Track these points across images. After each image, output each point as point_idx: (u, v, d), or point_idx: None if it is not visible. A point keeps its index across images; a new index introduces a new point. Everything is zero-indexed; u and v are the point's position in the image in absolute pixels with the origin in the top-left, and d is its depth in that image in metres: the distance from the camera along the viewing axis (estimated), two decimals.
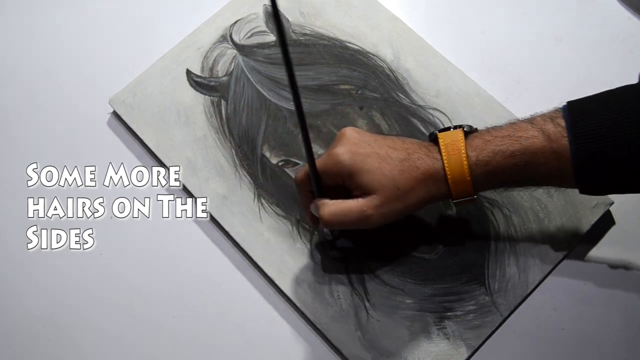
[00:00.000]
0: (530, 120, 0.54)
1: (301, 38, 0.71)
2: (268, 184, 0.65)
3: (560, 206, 0.63)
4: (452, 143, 0.54)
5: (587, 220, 0.62)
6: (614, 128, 0.50)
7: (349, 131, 0.56)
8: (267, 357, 0.60)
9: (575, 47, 0.71)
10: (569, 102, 0.53)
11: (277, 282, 0.61)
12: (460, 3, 0.74)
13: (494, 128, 0.55)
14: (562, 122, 0.52)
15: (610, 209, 0.63)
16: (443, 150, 0.54)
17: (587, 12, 0.73)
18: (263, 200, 0.64)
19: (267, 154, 0.66)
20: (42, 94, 0.71)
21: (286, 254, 0.62)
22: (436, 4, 0.74)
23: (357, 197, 0.54)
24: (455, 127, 0.56)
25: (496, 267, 0.61)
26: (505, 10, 0.73)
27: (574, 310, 0.61)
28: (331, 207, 0.54)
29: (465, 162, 0.53)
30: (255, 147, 0.66)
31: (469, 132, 0.55)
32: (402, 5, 0.74)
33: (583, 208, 0.63)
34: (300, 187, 0.57)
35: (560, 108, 0.54)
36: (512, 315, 0.60)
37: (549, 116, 0.53)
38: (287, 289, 0.61)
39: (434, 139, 0.56)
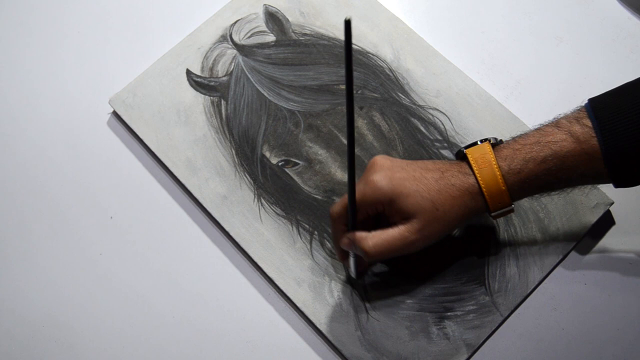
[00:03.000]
0: (556, 124, 0.54)
1: (301, 38, 0.71)
2: (268, 184, 0.65)
3: (560, 206, 0.63)
4: (481, 156, 0.54)
5: (587, 220, 0.62)
6: (638, 118, 0.50)
7: (380, 159, 0.55)
8: (267, 357, 0.60)
9: (575, 47, 0.71)
10: (591, 100, 0.53)
11: (277, 282, 0.61)
12: (460, 3, 0.74)
13: (521, 136, 0.55)
14: (589, 122, 0.52)
15: (610, 209, 0.63)
16: (473, 165, 0.54)
17: (587, 12, 0.73)
18: (263, 200, 0.64)
19: (267, 154, 0.66)
20: (42, 94, 0.71)
21: (286, 254, 0.62)
22: (436, 4, 0.74)
23: (395, 223, 0.54)
24: (481, 141, 0.55)
25: (496, 267, 0.61)
26: (505, 10, 0.73)
27: (574, 310, 0.61)
28: (374, 239, 0.53)
29: (498, 173, 0.53)
30: (255, 147, 0.66)
31: (496, 144, 0.55)
32: (402, 5, 0.74)
33: (583, 208, 0.63)
34: (336, 222, 0.56)
35: (584, 107, 0.53)
36: (512, 315, 0.60)
37: (574, 117, 0.53)
38: (287, 289, 0.61)
39: (462, 156, 0.56)
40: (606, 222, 0.63)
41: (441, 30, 0.72)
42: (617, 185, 0.54)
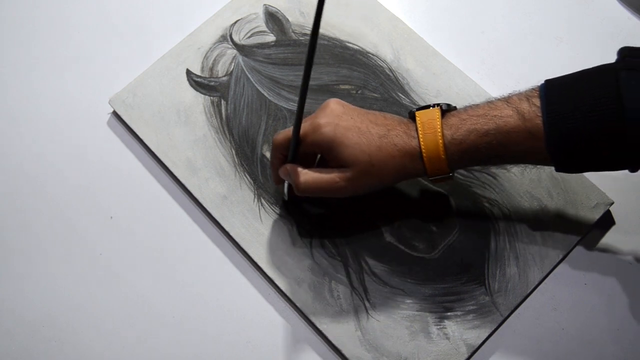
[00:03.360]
0: (507, 99, 0.54)
1: (301, 38, 0.71)
2: (268, 184, 0.65)
3: (560, 206, 0.63)
4: (428, 121, 0.55)
5: (587, 220, 0.62)
6: (584, 104, 0.50)
7: (333, 103, 0.57)
8: (267, 357, 0.60)
9: (575, 47, 0.71)
10: (547, 80, 0.54)
11: (277, 282, 0.61)
12: (460, 3, 0.74)
13: (471, 106, 0.55)
14: (537, 102, 0.52)
15: (610, 209, 0.63)
16: (420, 128, 0.55)
17: (587, 12, 0.73)
18: (263, 200, 0.64)
19: (267, 154, 0.66)
20: (42, 94, 0.71)
21: (286, 254, 0.62)
22: (436, 4, 0.74)
23: (331, 167, 0.56)
24: (434, 105, 0.56)
25: (496, 267, 0.61)
26: (505, 10, 0.73)
27: (574, 310, 0.61)
28: (306, 175, 0.56)
29: (441, 141, 0.54)
30: (255, 147, 0.66)
31: (447, 110, 0.56)
32: (402, 5, 0.74)
33: (583, 208, 0.63)
34: (276, 149, 0.59)
35: (538, 86, 0.54)
36: (512, 315, 0.60)
37: (525, 95, 0.53)
38: (287, 289, 0.61)
39: (412, 117, 0.57)
40: (606, 222, 0.63)
41: (441, 30, 0.72)
42: (558, 169, 0.54)
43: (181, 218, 0.65)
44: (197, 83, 0.69)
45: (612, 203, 0.63)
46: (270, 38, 0.71)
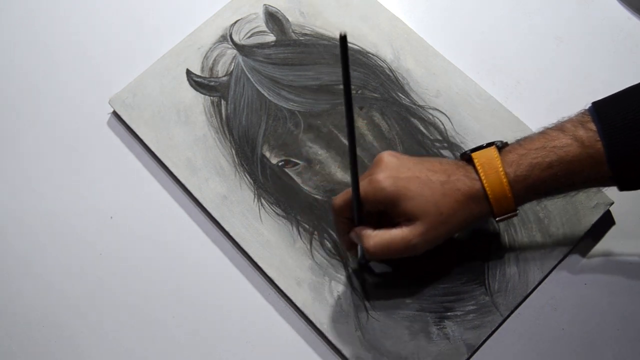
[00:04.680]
0: (561, 128, 0.53)
1: (301, 38, 0.71)
2: (268, 184, 0.65)
3: (560, 206, 0.63)
4: (487, 162, 0.53)
5: (587, 220, 0.62)
6: None
7: (387, 156, 0.55)
8: (267, 357, 0.60)
9: (575, 47, 0.71)
10: (594, 104, 0.53)
11: (277, 282, 0.61)
12: (460, 3, 0.74)
13: (525, 140, 0.54)
14: (593, 126, 0.52)
15: (610, 209, 0.63)
16: (480, 170, 0.53)
17: (587, 12, 0.73)
18: (263, 200, 0.64)
19: (267, 154, 0.66)
20: (42, 94, 0.71)
21: (286, 254, 0.62)
22: (436, 4, 0.74)
23: (399, 224, 0.54)
24: (487, 145, 0.55)
25: (496, 267, 0.61)
26: (505, 10, 0.73)
27: (574, 310, 0.61)
28: (375, 238, 0.53)
29: (505, 180, 0.53)
30: (255, 147, 0.66)
31: (501, 147, 0.55)
32: (402, 5, 0.74)
33: (583, 208, 0.63)
34: (337, 214, 0.56)
35: (587, 110, 0.53)
36: (512, 315, 0.60)
37: (578, 121, 0.53)
38: (287, 289, 0.61)
39: (467, 159, 0.55)
40: (606, 222, 0.63)
41: (441, 30, 0.72)
42: (622, 188, 0.54)
43: (181, 218, 0.65)
44: (197, 83, 0.69)
45: (612, 203, 0.63)
46: (270, 38, 0.71)
